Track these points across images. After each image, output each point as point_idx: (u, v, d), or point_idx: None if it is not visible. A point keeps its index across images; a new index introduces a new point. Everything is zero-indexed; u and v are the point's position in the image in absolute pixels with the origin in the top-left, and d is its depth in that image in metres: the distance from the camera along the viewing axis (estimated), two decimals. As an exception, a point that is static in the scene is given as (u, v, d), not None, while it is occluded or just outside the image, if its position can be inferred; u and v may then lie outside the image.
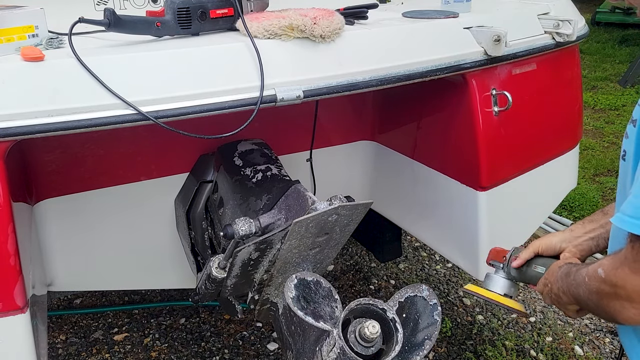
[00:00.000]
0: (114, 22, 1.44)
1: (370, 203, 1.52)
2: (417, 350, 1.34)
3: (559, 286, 1.24)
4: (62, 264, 2.03)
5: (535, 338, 2.74)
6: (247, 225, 1.64)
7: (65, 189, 1.96)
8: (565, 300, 1.22)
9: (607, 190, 4.18)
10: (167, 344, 2.70)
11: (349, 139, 2.51)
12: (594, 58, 7.90)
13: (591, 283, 1.09)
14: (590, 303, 1.12)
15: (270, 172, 1.92)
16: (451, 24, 1.85)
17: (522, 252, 1.51)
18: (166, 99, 1.36)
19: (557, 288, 1.25)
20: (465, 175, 2.03)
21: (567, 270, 1.22)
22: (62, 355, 2.63)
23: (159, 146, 2.07)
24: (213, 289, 1.76)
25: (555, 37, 2.05)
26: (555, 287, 1.26)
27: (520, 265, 1.51)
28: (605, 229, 1.37)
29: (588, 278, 1.10)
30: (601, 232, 1.38)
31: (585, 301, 1.14)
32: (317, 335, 1.38)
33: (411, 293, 1.42)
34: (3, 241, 1.29)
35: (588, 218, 1.44)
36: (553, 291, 1.27)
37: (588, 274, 1.11)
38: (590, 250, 1.40)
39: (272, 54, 1.50)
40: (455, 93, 1.95)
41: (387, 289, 3.11)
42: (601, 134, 5.26)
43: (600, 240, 1.39)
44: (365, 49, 1.65)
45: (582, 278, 1.13)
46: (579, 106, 2.43)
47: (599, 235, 1.38)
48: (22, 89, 1.26)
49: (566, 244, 1.42)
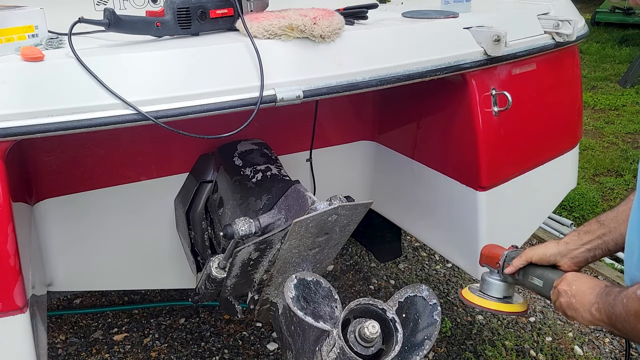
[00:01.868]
0: (113, 22, 1.44)
1: (370, 203, 1.52)
2: (416, 350, 1.34)
3: (595, 304, 1.21)
4: (62, 264, 2.03)
5: (535, 338, 2.74)
6: (247, 225, 1.64)
7: (65, 189, 1.96)
8: (597, 317, 1.20)
9: (607, 190, 4.18)
10: (167, 344, 2.70)
11: (348, 139, 2.51)
12: (594, 58, 7.91)
13: (630, 304, 1.09)
14: (626, 324, 1.11)
15: (270, 172, 1.92)
16: (451, 24, 1.85)
17: (515, 260, 1.50)
18: (166, 99, 1.36)
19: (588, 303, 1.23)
20: (465, 175, 2.03)
21: (608, 291, 1.20)
22: (62, 355, 2.63)
23: (159, 146, 2.07)
24: (213, 289, 1.76)
25: (555, 37, 2.05)
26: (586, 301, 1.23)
27: (513, 273, 1.51)
28: (602, 240, 1.37)
29: (627, 299, 1.10)
30: (598, 243, 1.38)
31: (622, 322, 1.12)
32: (316, 335, 1.38)
33: (411, 293, 1.42)
34: (3, 241, 1.29)
35: (583, 228, 1.43)
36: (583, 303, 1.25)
37: (627, 295, 1.11)
38: (586, 261, 1.41)
39: (272, 54, 1.50)
40: (455, 93, 1.95)
41: (387, 289, 3.11)
42: (601, 134, 5.26)
43: (597, 251, 1.39)
44: (365, 49, 1.65)
45: (620, 299, 1.13)
46: (579, 106, 2.43)
47: (596, 247, 1.39)
48: (22, 89, 1.26)
49: (561, 258, 1.42)
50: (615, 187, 4.21)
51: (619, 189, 4.18)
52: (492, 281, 1.57)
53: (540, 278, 1.44)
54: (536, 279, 1.45)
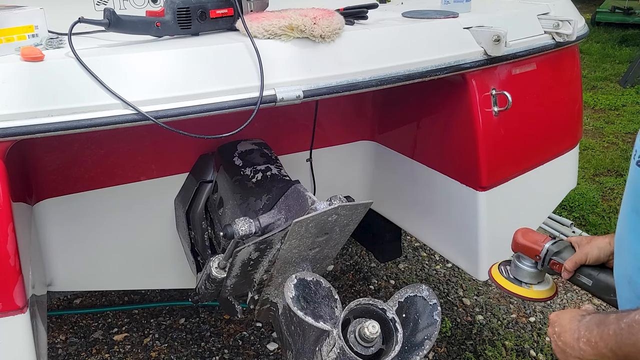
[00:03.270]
0: (113, 22, 1.44)
1: (370, 203, 1.52)
2: (416, 350, 1.34)
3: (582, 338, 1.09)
4: (62, 264, 2.03)
5: (535, 338, 2.74)
6: (247, 225, 1.64)
7: (65, 189, 1.96)
8: (590, 352, 1.08)
9: (607, 191, 4.18)
10: (167, 344, 2.70)
11: (349, 139, 2.51)
12: (594, 58, 7.90)
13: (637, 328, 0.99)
14: (634, 349, 1.00)
15: (270, 172, 1.92)
16: (451, 24, 1.85)
17: (568, 264, 1.41)
18: (166, 99, 1.36)
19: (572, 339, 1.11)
20: (465, 175, 2.03)
21: (598, 320, 1.08)
22: (62, 355, 2.63)
23: (159, 146, 2.07)
24: (213, 289, 1.76)
25: (555, 37, 2.05)
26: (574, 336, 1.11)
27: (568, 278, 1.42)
28: None
29: (636, 324, 0.99)
30: None
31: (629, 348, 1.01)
32: (317, 335, 1.38)
33: (411, 293, 1.42)
34: (3, 241, 1.29)
35: None
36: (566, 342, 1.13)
37: (635, 320, 0.99)
38: None
39: (272, 54, 1.50)
40: (455, 93, 1.95)
41: (387, 289, 3.11)
42: (601, 134, 5.26)
43: None
44: (365, 49, 1.65)
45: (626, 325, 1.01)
46: (579, 106, 2.43)
47: None
48: (22, 89, 1.26)
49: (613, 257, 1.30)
50: (615, 187, 4.21)
51: (619, 189, 4.17)
52: (527, 268, 1.51)
53: (589, 278, 1.38)
54: (584, 278, 1.39)
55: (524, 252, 1.52)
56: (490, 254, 2.06)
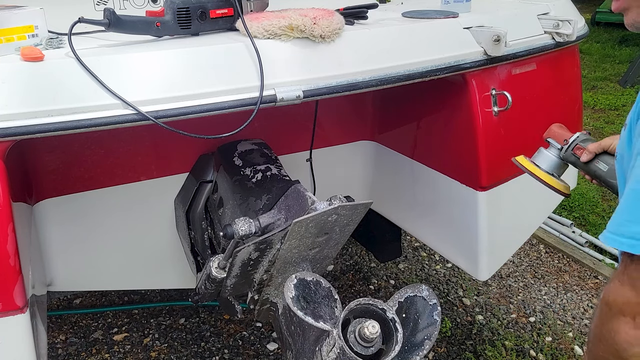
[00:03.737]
0: (113, 22, 1.44)
1: (370, 203, 1.52)
2: (416, 350, 1.34)
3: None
4: (62, 264, 2.03)
5: (535, 338, 2.74)
6: (246, 225, 1.64)
7: (65, 189, 1.96)
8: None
9: (606, 190, 4.16)
10: (167, 344, 2.70)
11: (349, 139, 2.51)
12: (594, 58, 7.91)
13: (596, 313, 1.01)
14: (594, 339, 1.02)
15: (270, 172, 1.92)
16: (451, 24, 1.85)
17: (591, 146, 1.44)
18: (166, 99, 1.36)
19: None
20: (465, 175, 2.03)
21: None
22: (62, 355, 2.63)
23: (159, 146, 2.07)
24: (213, 289, 1.76)
25: (555, 37, 2.05)
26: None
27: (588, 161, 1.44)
28: None
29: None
30: None
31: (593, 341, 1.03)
32: (316, 335, 1.38)
33: (411, 293, 1.42)
34: (3, 241, 1.29)
35: None
36: None
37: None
38: None
39: (272, 54, 1.50)
40: (455, 93, 1.95)
41: (387, 289, 3.11)
42: (601, 134, 5.26)
43: None
44: (365, 49, 1.65)
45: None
46: (579, 106, 2.43)
47: None
48: (21, 89, 1.26)
49: None
50: (615, 187, 4.21)
51: (619, 189, 4.17)
52: (550, 155, 1.55)
53: (606, 163, 1.40)
54: (602, 163, 1.41)
55: (554, 137, 1.56)
56: (490, 254, 2.06)
